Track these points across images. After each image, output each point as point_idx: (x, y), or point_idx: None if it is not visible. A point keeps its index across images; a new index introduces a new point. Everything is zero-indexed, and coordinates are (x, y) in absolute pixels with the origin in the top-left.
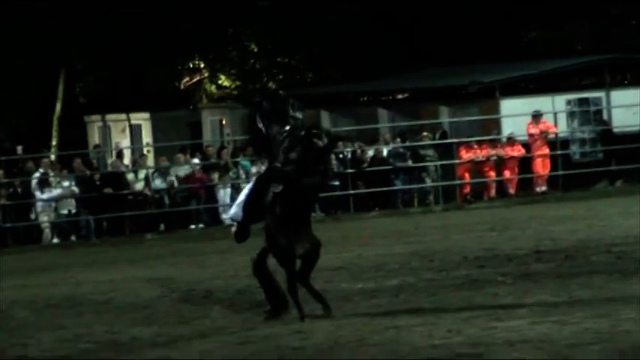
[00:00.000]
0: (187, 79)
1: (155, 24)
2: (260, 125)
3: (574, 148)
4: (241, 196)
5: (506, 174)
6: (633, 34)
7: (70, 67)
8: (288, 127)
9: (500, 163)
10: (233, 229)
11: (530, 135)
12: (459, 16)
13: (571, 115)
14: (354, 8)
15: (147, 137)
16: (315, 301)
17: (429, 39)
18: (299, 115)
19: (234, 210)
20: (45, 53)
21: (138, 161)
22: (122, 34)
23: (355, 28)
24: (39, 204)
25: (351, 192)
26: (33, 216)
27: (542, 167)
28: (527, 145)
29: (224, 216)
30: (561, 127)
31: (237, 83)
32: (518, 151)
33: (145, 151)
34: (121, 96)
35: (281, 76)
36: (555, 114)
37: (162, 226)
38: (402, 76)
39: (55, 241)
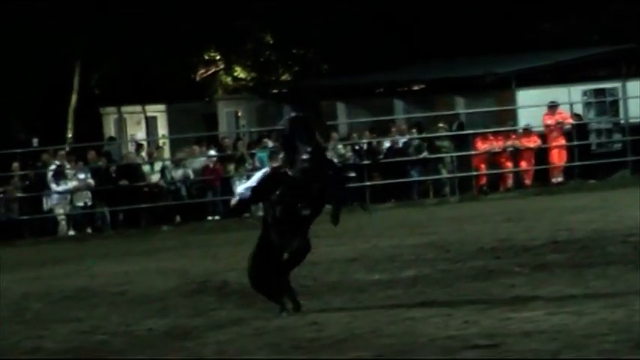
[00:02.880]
0: (203, 71)
1: (167, 16)
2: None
3: (590, 139)
4: (252, 181)
5: (523, 165)
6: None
7: (85, 59)
8: (310, 149)
9: (516, 154)
10: (233, 201)
11: (547, 126)
12: (472, 7)
13: (587, 105)
14: (360, 4)
15: (162, 129)
16: (287, 295)
17: (440, 31)
18: (319, 138)
19: (242, 190)
20: (56, 46)
21: (154, 153)
22: (132, 26)
23: (363, 23)
24: (54, 196)
25: (367, 183)
26: (45, 207)
27: (558, 158)
28: (543, 136)
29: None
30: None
31: (253, 75)
32: (534, 142)
33: (160, 143)
34: (136, 88)
35: (296, 68)
36: (571, 104)
37: (177, 218)
38: (417, 67)
39: (71, 233)
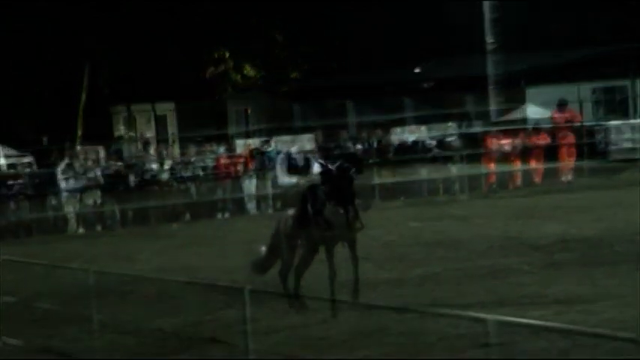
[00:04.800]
0: (212, 69)
1: (176, 15)
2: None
3: (599, 137)
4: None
5: (532, 163)
6: None
7: (94, 58)
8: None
9: (525, 152)
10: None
11: (556, 124)
12: (477, 7)
13: (596, 103)
14: (368, 3)
15: (172, 127)
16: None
17: (447, 31)
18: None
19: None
20: (65, 45)
21: (163, 151)
22: (141, 25)
23: (371, 22)
24: (64, 194)
25: (377, 181)
26: (51, 205)
27: (567, 156)
28: (552, 134)
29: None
30: (587, 116)
31: (262, 73)
32: (543, 140)
33: (170, 142)
34: (145, 86)
35: (306, 66)
36: (581, 103)
37: (187, 216)
38: (427, 65)
39: (80, 231)
